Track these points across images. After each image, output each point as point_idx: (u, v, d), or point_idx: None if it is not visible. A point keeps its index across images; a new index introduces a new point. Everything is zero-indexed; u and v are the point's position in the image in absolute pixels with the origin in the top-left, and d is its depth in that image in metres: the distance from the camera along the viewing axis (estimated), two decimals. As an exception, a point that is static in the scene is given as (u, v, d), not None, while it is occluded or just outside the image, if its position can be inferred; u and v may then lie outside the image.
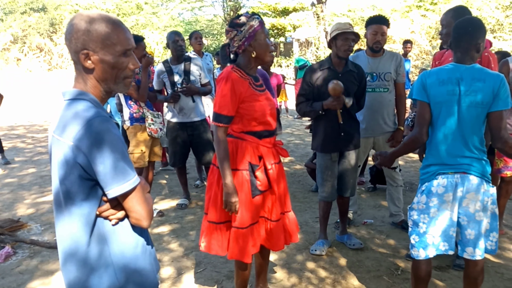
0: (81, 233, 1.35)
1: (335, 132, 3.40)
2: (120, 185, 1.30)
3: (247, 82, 2.42)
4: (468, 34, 2.27)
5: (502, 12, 13.31)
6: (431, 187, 2.34)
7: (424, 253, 2.38)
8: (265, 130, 2.49)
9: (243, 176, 2.44)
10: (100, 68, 1.37)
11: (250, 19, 2.38)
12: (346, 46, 3.26)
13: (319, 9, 21.05)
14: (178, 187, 5.43)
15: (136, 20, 23.12)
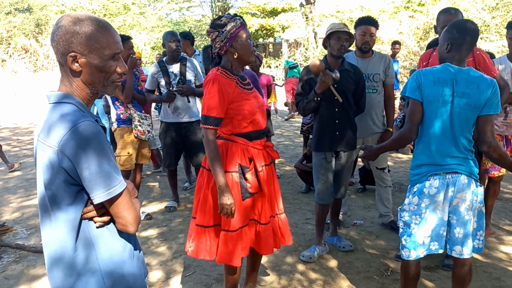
0: (67, 238, 1.32)
1: (330, 131, 3.37)
2: (106, 190, 1.27)
3: (234, 82, 2.41)
4: (471, 39, 2.30)
5: (488, 14, 13.49)
6: (423, 188, 2.34)
7: (415, 254, 2.38)
8: (255, 130, 2.48)
9: (232, 178, 2.41)
10: (88, 71, 1.34)
11: (231, 20, 2.37)
12: (338, 45, 3.25)
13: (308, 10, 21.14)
14: (166, 190, 5.39)
15: (123, 21, 22.94)
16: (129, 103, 4.21)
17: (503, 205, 4.74)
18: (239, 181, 2.42)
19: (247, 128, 2.44)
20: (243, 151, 2.43)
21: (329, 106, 3.34)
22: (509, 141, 3.65)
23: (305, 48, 21.38)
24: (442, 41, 2.37)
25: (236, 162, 2.42)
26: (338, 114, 3.35)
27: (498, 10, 13.54)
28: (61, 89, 1.37)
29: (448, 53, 2.33)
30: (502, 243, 3.75)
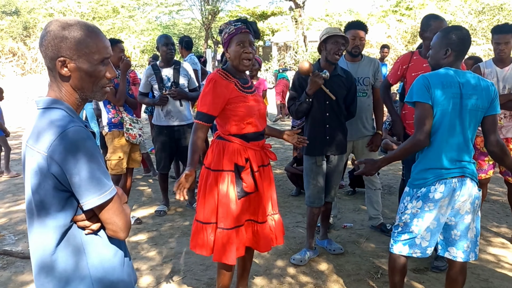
0: (56, 245, 1.31)
1: (320, 135, 3.39)
2: (95, 196, 1.27)
3: (232, 84, 2.49)
4: (469, 45, 2.38)
5: (475, 17, 13.67)
6: (428, 193, 2.32)
7: (407, 250, 2.40)
8: (252, 132, 2.54)
9: (228, 177, 2.47)
10: (77, 76, 1.34)
11: (228, 26, 2.48)
12: (336, 48, 3.26)
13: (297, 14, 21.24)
14: (156, 194, 5.37)
15: (112, 24, 22.84)
16: (121, 106, 4.20)
17: (491, 206, 4.80)
18: (234, 180, 2.48)
19: (244, 130, 2.51)
20: (239, 151, 2.50)
21: (320, 111, 3.37)
22: None
23: (294, 51, 21.48)
24: (438, 47, 2.37)
25: (232, 162, 2.48)
26: (329, 119, 3.37)
27: (484, 14, 13.72)
28: (50, 94, 1.37)
29: (446, 58, 2.35)
30: (490, 244, 3.79)
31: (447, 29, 2.41)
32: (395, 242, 2.46)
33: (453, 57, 2.35)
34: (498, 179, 5.58)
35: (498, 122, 2.37)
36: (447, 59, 2.35)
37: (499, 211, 4.67)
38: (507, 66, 3.58)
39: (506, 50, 3.54)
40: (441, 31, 2.43)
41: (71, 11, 21.50)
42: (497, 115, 2.36)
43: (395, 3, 18.87)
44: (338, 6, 22.30)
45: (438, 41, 2.38)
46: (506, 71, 3.58)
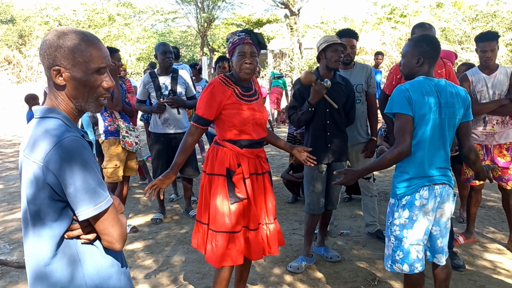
0: (51, 254, 1.31)
1: (322, 143, 3.40)
2: (91, 207, 1.26)
3: (231, 90, 2.53)
4: (439, 52, 2.41)
5: (468, 24, 13.80)
6: (413, 200, 2.33)
7: (407, 268, 2.38)
8: (246, 139, 2.55)
9: (219, 181, 2.52)
10: (72, 85, 1.33)
11: (233, 36, 2.56)
12: (336, 56, 3.28)
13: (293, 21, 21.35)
14: (152, 202, 5.35)
15: (108, 32, 22.88)
16: (120, 111, 4.19)
17: (486, 212, 4.82)
18: (225, 184, 2.51)
19: (238, 136, 2.54)
20: (231, 156, 2.53)
21: (321, 118, 3.38)
22: (489, 150, 3.71)
23: (290, 58, 21.56)
24: (410, 55, 2.39)
25: (224, 166, 2.52)
26: (330, 126, 3.38)
27: (478, 21, 13.86)
28: (47, 103, 1.37)
29: (419, 66, 2.37)
30: (486, 250, 3.80)
31: (417, 38, 2.44)
32: (393, 262, 2.42)
33: (426, 65, 2.37)
34: (493, 185, 5.60)
35: (471, 127, 2.47)
36: (420, 67, 2.37)
37: (494, 217, 4.68)
38: (494, 72, 3.61)
39: (492, 57, 3.58)
40: (411, 40, 2.46)
41: (66, 19, 21.53)
42: (471, 121, 2.44)
43: (389, 10, 19.04)
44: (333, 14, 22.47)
45: (409, 50, 2.40)
46: (494, 77, 3.61)
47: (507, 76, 3.57)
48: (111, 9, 23.69)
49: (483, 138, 3.71)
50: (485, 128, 3.69)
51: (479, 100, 3.66)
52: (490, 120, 3.67)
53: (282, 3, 22.17)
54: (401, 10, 18.17)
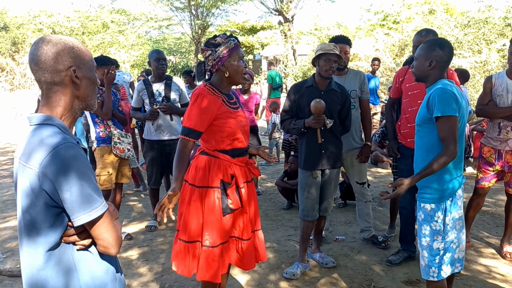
0: (46, 262, 1.31)
1: (316, 150, 3.41)
2: (86, 212, 1.27)
3: (220, 100, 2.47)
4: (452, 57, 2.47)
5: (461, 31, 13.90)
6: (456, 200, 2.40)
7: (449, 269, 2.42)
8: (237, 148, 2.53)
9: (214, 194, 2.45)
10: (84, 84, 1.41)
11: (225, 41, 2.46)
12: (327, 66, 3.33)
13: (286, 28, 21.47)
14: (147, 209, 5.32)
15: (102, 39, 22.82)
16: (109, 120, 4.18)
17: (481, 217, 4.84)
18: (220, 197, 2.45)
19: (230, 146, 2.50)
20: (225, 167, 2.48)
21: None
22: (501, 155, 3.71)
23: (284, 65, 21.64)
24: (423, 58, 2.42)
25: (219, 178, 2.45)
26: (324, 133, 3.40)
27: (470, 28, 13.97)
28: (43, 111, 1.37)
29: (431, 70, 2.41)
30: (481, 255, 3.81)
31: (431, 42, 2.47)
32: (440, 267, 2.40)
33: (438, 69, 2.40)
34: (487, 190, 5.63)
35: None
36: (432, 70, 2.41)
37: (489, 221, 4.70)
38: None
39: None
40: (425, 43, 2.48)
41: (60, 26, 21.45)
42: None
43: (382, 17, 19.19)
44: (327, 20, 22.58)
45: (422, 53, 2.44)
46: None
47: None
48: (105, 16, 23.65)
49: (497, 143, 3.71)
50: (499, 134, 3.68)
51: (498, 104, 3.65)
52: (505, 126, 3.65)
53: (276, 10, 22.31)
54: (394, 17, 18.32)
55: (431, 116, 2.34)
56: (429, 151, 2.40)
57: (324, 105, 3.19)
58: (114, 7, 26.23)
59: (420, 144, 2.49)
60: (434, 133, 2.36)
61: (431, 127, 2.37)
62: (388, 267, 3.59)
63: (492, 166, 3.76)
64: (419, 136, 2.50)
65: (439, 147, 2.34)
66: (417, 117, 2.51)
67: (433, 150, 2.37)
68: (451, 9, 20.17)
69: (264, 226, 4.54)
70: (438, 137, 2.34)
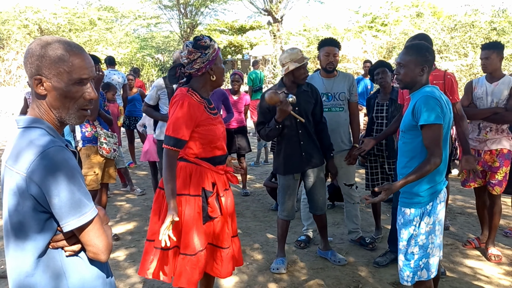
0: (34, 267, 1.28)
1: (296, 153, 3.45)
2: (76, 218, 1.24)
3: (203, 106, 2.41)
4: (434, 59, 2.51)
5: (447, 34, 14.08)
6: (436, 205, 2.40)
7: (425, 274, 2.42)
8: (219, 155, 2.49)
9: (195, 202, 2.40)
10: (53, 95, 1.31)
11: (212, 43, 2.39)
12: (304, 74, 3.40)
13: (276, 28, 21.51)
14: (134, 209, 5.28)
15: (89, 36, 22.57)
16: (95, 120, 4.13)
17: (466, 219, 4.90)
18: (201, 205, 2.41)
19: (211, 153, 2.45)
20: (207, 175, 2.43)
21: (293, 129, 3.44)
22: (480, 155, 3.81)
23: (273, 65, 21.66)
24: (413, 65, 2.38)
25: (200, 186, 2.41)
26: (302, 136, 3.44)
27: (456, 31, 14.17)
28: (31, 113, 1.34)
29: (422, 76, 2.41)
30: (466, 257, 3.86)
31: (418, 46, 2.46)
32: (415, 272, 2.41)
33: (426, 74, 2.42)
34: (473, 192, 5.70)
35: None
36: (422, 76, 2.41)
37: (474, 223, 4.76)
38: (496, 82, 3.73)
39: (486, 65, 3.74)
40: (411, 48, 2.45)
41: (47, 22, 21.15)
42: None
43: (370, 19, 19.32)
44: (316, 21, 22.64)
45: (412, 59, 2.39)
46: (495, 86, 3.73)
47: (508, 85, 3.68)
48: (92, 13, 23.35)
49: (476, 144, 3.83)
50: (479, 135, 3.81)
51: (478, 106, 3.80)
52: (484, 127, 3.78)
53: (265, 10, 22.33)
54: (382, 19, 18.46)
55: (416, 123, 2.35)
56: (412, 157, 2.41)
57: (275, 92, 3.23)
58: (101, 4, 25.94)
59: (404, 150, 2.49)
60: (418, 140, 2.37)
61: (416, 134, 2.38)
62: (376, 268, 3.61)
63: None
64: (403, 142, 2.50)
65: (422, 154, 2.36)
66: (402, 123, 2.51)
67: (417, 157, 2.39)
68: (438, 12, 20.41)
69: (253, 227, 4.54)
70: (422, 144, 2.35)
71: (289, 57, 3.40)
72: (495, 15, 14.62)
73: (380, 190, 2.36)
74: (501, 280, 3.41)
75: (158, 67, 28.83)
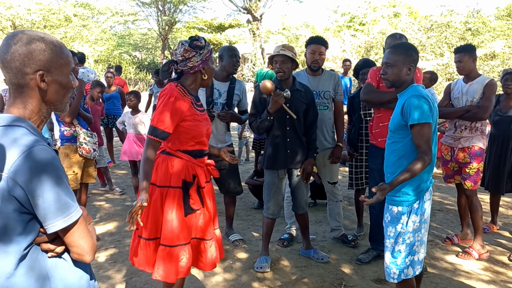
0: (17, 269, 1.23)
1: (282, 149, 3.47)
2: (62, 219, 1.21)
3: (189, 101, 2.47)
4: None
5: (424, 34, 14.35)
6: (423, 203, 2.43)
7: (411, 272, 2.44)
8: (200, 149, 2.53)
9: (175, 193, 2.42)
10: (53, 88, 1.31)
11: (206, 44, 2.47)
12: (276, 68, 3.41)
13: (255, 27, 21.49)
14: (114, 209, 5.19)
15: (64, 33, 22.13)
16: (69, 122, 3.98)
17: (445, 216, 4.99)
18: (182, 196, 2.43)
19: (193, 147, 2.49)
20: (187, 167, 2.46)
21: (281, 126, 3.45)
22: (454, 152, 3.92)
23: (252, 63, 21.66)
24: (401, 64, 2.40)
25: (180, 178, 2.44)
26: (290, 133, 3.46)
27: (432, 31, 14.44)
28: (12, 111, 1.29)
29: (409, 75, 2.43)
30: (446, 253, 3.92)
31: (405, 46, 2.49)
32: (401, 270, 2.43)
33: (412, 73, 2.44)
34: (451, 189, 5.82)
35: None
36: (409, 75, 2.44)
37: (452, 220, 4.85)
38: (471, 81, 3.83)
39: (459, 67, 3.87)
40: (398, 48, 2.47)
41: (20, 18, 20.62)
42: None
43: (349, 18, 19.52)
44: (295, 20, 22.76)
45: (400, 59, 2.41)
46: (469, 85, 3.83)
47: (483, 85, 3.77)
48: (68, 9, 22.87)
49: (451, 141, 3.94)
50: (454, 133, 3.92)
51: (455, 106, 3.92)
52: (460, 126, 3.89)
53: (245, 9, 22.29)
54: (360, 19, 18.68)
55: (405, 123, 2.37)
56: (402, 156, 2.43)
57: (271, 81, 3.26)
58: (77, 1, 25.44)
59: (393, 149, 2.50)
60: (407, 139, 2.39)
61: (405, 133, 2.40)
62: (358, 265, 3.64)
63: (449, 164, 4.00)
64: (392, 142, 2.51)
65: (411, 153, 2.38)
66: (390, 123, 2.53)
67: (406, 156, 2.41)
68: (414, 12, 20.75)
69: (235, 226, 4.51)
70: (411, 143, 2.38)
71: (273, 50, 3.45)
72: (470, 15, 14.97)
73: (377, 190, 2.35)
74: (480, 276, 3.48)
75: (136, 64, 28.47)
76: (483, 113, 3.71)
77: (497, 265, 3.69)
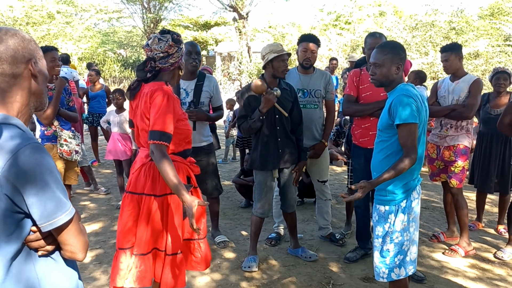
0: (7, 274, 1.19)
1: (273, 149, 3.45)
2: (57, 217, 1.19)
3: (178, 100, 2.41)
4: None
5: (409, 33, 14.47)
6: (411, 202, 2.41)
7: (404, 272, 2.42)
8: (189, 149, 2.51)
9: (174, 198, 2.36)
10: (41, 79, 1.31)
11: (181, 38, 2.40)
12: (283, 66, 3.36)
13: (241, 25, 21.43)
14: (97, 209, 5.11)
15: (47, 30, 21.73)
16: (48, 125, 3.84)
17: (431, 214, 5.03)
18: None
19: (184, 147, 2.45)
20: (182, 170, 2.40)
21: (271, 125, 3.43)
22: (440, 150, 3.94)
23: (239, 62, 21.61)
24: (389, 63, 2.39)
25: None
26: (279, 132, 3.44)
27: (417, 30, 14.58)
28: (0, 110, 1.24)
29: (398, 74, 2.42)
30: (433, 251, 3.95)
31: (392, 45, 2.49)
32: (391, 269, 2.42)
33: (401, 71, 2.44)
34: (437, 187, 5.88)
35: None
36: (397, 74, 2.43)
37: (439, 217, 4.89)
38: (458, 80, 3.86)
39: (446, 66, 3.89)
40: (386, 47, 2.47)
41: (2, 15, 20.20)
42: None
43: (335, 17, 19.61)
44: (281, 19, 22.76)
45: (388, 58, 2.40)
46: (455, 84, 3.86)
47: (469, 83, 3.79)
48: (51, 6, 22.44)
49: (437, 139, 3.97)
50: (440, 131, 3.95)
51: (441, 104, 3.94)
52: (445, 124, 3.92)
53: (231, 6, 22.20)
54: (346, 18, 18.77)
55: (392, 122, 2.36)
56: (389, 155, 2.43)
57: (262, 80, 3.26)
58: (61, -3, 25.03)
59: (380, 148, 2.50)
60: (394, 138, 2.40)
61: (392, 133, 2.40)
62: (346, 264, 3.64)
63: (435, 162, 4.03)
64: (380, 141, 2.51)
65: (398, 152, 2.39)
66: (379, 122, 2.53)
67: (393, 155, 2.41)
68: (400, 12, 20.93)
69: (222, 225, 4.48)
70: (398, 143, 2.38)
71: (269, 48, 3.40)
72: (454, 15, 15.14)
73: (356, 188, 2.35)
74: (467, 273, 3.51)
75: (121, 62, 28.15)
76: (468, 112, 3.73)
77: (483, 262, 3.73)
